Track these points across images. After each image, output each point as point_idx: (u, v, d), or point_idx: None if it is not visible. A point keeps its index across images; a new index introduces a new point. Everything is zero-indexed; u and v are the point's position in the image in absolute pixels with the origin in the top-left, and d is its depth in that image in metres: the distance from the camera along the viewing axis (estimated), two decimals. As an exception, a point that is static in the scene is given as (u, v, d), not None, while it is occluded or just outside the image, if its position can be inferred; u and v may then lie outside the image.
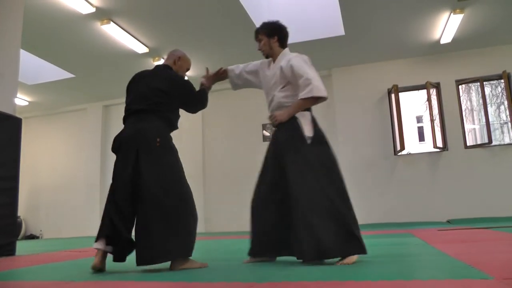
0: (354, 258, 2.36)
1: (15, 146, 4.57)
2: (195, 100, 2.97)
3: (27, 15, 5.39)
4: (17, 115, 4.78)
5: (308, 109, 2.80)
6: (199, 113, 10.35)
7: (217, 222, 8.84)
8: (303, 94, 2.65)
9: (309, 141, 2.62)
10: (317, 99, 2.71)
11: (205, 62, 7.88)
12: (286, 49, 2.94)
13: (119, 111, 2.79)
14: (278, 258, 2.80)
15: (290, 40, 3.03)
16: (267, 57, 3.00)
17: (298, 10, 7.21)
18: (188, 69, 3.09)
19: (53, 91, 9.05)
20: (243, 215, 9.59)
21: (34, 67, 8.14)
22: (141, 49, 7.02)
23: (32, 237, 9.78)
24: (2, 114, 4.42)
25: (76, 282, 2.15)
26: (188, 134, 9.26)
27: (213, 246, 4.63)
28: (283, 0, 7.40)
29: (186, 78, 3.06)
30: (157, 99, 2.71)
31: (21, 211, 8.99)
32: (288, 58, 2.80)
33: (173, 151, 2.88)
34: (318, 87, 2.65)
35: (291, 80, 2.74)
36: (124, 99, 2.90)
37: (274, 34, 2.92)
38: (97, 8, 5.73)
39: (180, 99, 2.86)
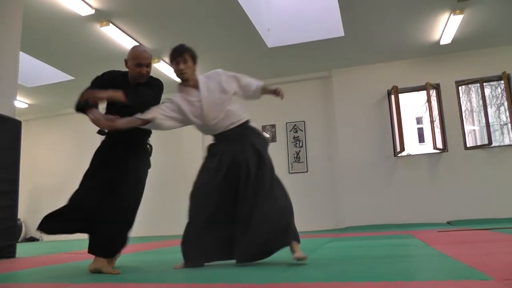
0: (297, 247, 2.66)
1: (15, 148, 4.57)
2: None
3: (27, 17, 5.39)
4: (17, 117, 4.78)
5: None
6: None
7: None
8: (258, 85, 2.98)
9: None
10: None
11: (205, 63, 7.88)
12: (217, 70, 3.07)
13: (119, 113, 2.82)
14: (280, 259, 2.79)
15: (290, 42, 3.05)
16: (185, 80, 2.87)
17: (297, 11, 7.23)
18: (139, 63, 2.79)
19: (53, 93, 9.05)
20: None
21: (33, 70, 8.15)
22: (141, 51, 7.02)
23: (32, 239, 9.76)
24: (2, 117, 4.42)
25: (76, 284, 2.15)
26: (188, 135, 9.26)
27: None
28: (282, 1, 7.42)
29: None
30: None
31: (21, 214, 8.97)
32: (218, 74, 2.96)
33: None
34: (254, 81, 3.03)
35: (236, 89, 2.93)
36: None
37: (196, 61, 2.95)
38: (96, 10, 5.73)
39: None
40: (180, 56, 2.82)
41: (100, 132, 2.84)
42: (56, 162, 10.09)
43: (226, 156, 2.85)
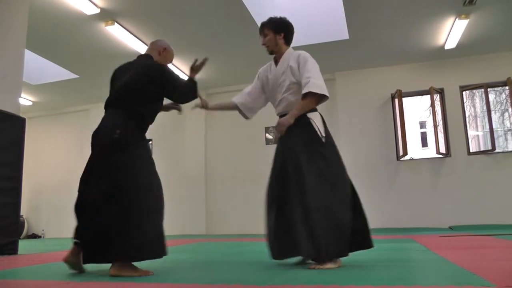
0: (327, 265, 2.38)
1: (19, 146, 4.59)
2: (179, 88, 2.72)
3: (32, 16, 5.42)
4: (21, 115, 4.80)
5: (316, 110, 2.77)
6: (202, 115, 10.35)
7: (219, 224, 8.83)
8: (302, 91, 2.63)
9: (323, 140, 2.62)
10: (319, 98, 2.67)
11: (209, 63, 7.90)
12: (291, 48, 2.89)
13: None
14: (280, 260, 2.79)
15: (294, 44, 3.01)
16: (271, 53, 2.90)
17: (302, 13, 7.22)
18: (171, 62, 3.02)
19: (57, 91, 9.09)
20: (245, 217, 9.61)
21: (38, 67, 8.17)
22: (145, 50, 7.03)
23: (34, 236, 9.79)
24: (6, 114, 4.44)
25: (77, 282, 2.16)
26: (191, 136, 9.27)
27: (214, 248, 4.63)
28: (287, 2, 7.42)
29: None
30: (126, 93, 2.58)
31: (24, 211, 8.99)
32: (296, 56, 2.76)
33: (136, 147, 2.58)
34: (316, 84, 2.62)
35: (298, 80, 2.71)
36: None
37: (281, 30, 2.85)
38: (101, 9, 5.75)
39: (159, 88, 2.66)
40: (261, 31, 2.91)
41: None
42: (59, 160, 10.13)
43: (278, 146, 2.81)
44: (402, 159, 7.96)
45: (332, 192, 2.51)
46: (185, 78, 2.83)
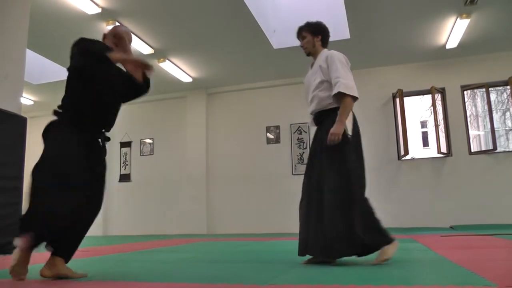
0: (388, 251, 2.49)
1: (20, 145, 4.59)
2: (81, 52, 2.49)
3: (33, 15, 5.42)
4: (23, 114, 4.81)
5: None
6: (203, 115, 10.30)
7: (220, 223, 8.83)
8: (333, 92, 2.72)
9: (349, 139, 2.67)
10: (352, 98, 2.74)
11: (210, 63, 7.91)
12: (325, 49, 2.99)
13: (122, 111, 2.77)
14: (281, 260, 2.79)
15: (296, 43, 3.05)
16: (308, 55, 3.05)
17: (303, 13, 7.22)
18: (116, 43, 2.72)
19: (59, 91, 8.96)
20: (246, 217, 9.59)
21: (39, 67, 8.19)
22: (146, 50, 7.04)
23: (35, 236, 9.80)
24: (8, 113, 4.44)
25: (78, 281, 2.16)
26: (192, 136, 9.27)
27: (215, 247, 4.63)
28: (288, 3, 7.42)
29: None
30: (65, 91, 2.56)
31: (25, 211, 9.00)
32: (325, 56, 2.86)
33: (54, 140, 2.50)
34: (345, 84, 2.70)
35: (328, 78, 2.80)
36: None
37: (318, 33, 2.97)
38: (103, 8, 5.76)
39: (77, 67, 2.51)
40: (299, 35, 3.03)
41: None
42: (60, 160, 10.12)
43: (313, 139, 2.93)
44: (403, 158, 7.96)
45: (347, 191, 2.59)
46: (187, 78, 2.83)
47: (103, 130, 2.55)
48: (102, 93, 2.50)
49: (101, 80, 2.50)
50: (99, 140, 2.52)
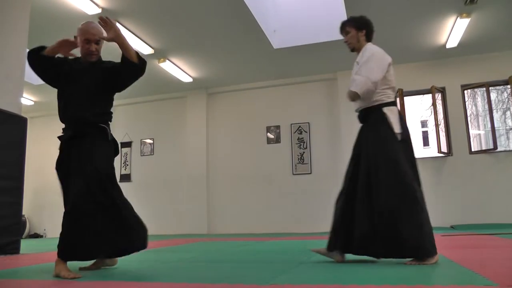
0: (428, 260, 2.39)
1: (21, 145, 4.59)
2: None
3: (33, 15, 5.42)
4: (23, 114, 4.80)
5: (394, 104, 2.76)
6: (203, 115, 10.29)
7: (220, 223, 8.83)
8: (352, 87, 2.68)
9: (399, 138, 2.61)
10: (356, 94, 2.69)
11: (211, 63, 7.91)
12: (369, 43, 2.92)
13: (123, 112, 2.77)
14: (282, 259, 2.78)
15: (296, 43, 3.02)
16: (352, 50, 2.97)
17: (303, 13, 7.22)
18: (87, 40, 2.68)
19: (59, 91, 9.08)
20: (246, 217, 9.58)
21: (40, 67, 8.18)
22: (147, 50, 7.04)
23: (36, 236, 9.81)
24: (8, 114, 4.44)
25: (79, 282, 2.16)
26: (192, 136, 9.27)
27: (216, 247, 4.63)
28: (289, 2, 7.41)
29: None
30: None
31: (26, 210, 9.01)
32: (362, 52, 2.82)
33: None
34: (355, 81, 2.66)
35: None
36: (128, 100, 2.86)
37: (363, 27, 2.92)
38: (103, 9, 5.76)
39: None
40: (342, 30, 2.96)
41: None
42: (60, 160, 10.12)
43: (357, 137, 2.86)
44: (404, 158, 7.94)
45: (395, 192, 2.53)
46: (187, 78, 2.85)
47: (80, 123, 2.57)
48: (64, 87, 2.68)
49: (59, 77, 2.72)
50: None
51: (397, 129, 2.62)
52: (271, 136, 8.89)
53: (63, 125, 2.66)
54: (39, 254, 4.42)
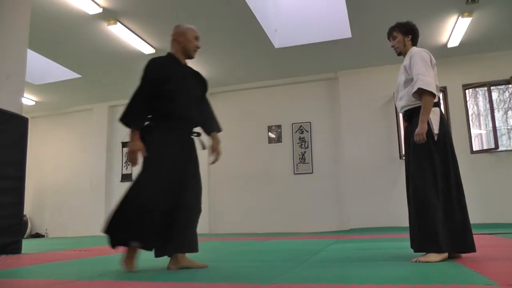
0: (430, 257, 2.56)
1: (22, 145, 4.60)
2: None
3: (34, 15, 5.43)
4: (24, 114, 4.81)
5: (438, 105, 2.82)
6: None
7: (222, 223, 8.84)
8: (413, 90, 2.72)
9: (435, 138, 2.75)
10: (431, 94, 2.69)
11: (212, 63, 7.91)
12: (415, 47, 2.98)
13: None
14: (282, 259, 2.78)
15: (297, 43, 3.03)
16: (399, 54, 3.05)
17: (304, 12, 7.22)
18: (197, 36, 2.95)
19: (60, 91, 9.10)
20: (248, 216, 9.58)
21: (41, 67, 8.20)
22: (148, 50, 7.05)
23: (37, 236, 9.82)
24: (9, 114, 4.45)
25: (81, 281, 2.16)
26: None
27: (217, 247, 4.63)
28: (290, 2, 7.41)
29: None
30: None
31: (27, 210, 9.03)
32: (409, 55, 2.88)
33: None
34: (423, 80, 2.67)
35: (412, 76, 2.81)
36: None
37: (409, 32, 2.99)
38: (104, 8, 5.76)
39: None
40: (389, 35, 3.09)
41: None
42: (62, 160, 10.15)
43: (404, 140, 3.04)
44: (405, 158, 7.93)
45: (426, 189, 2.78)
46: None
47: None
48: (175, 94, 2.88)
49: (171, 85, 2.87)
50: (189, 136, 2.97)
51: (436, 129, 2.74)
52: (272, 135, 8.89)
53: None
54: (40, 254, 4.43)
